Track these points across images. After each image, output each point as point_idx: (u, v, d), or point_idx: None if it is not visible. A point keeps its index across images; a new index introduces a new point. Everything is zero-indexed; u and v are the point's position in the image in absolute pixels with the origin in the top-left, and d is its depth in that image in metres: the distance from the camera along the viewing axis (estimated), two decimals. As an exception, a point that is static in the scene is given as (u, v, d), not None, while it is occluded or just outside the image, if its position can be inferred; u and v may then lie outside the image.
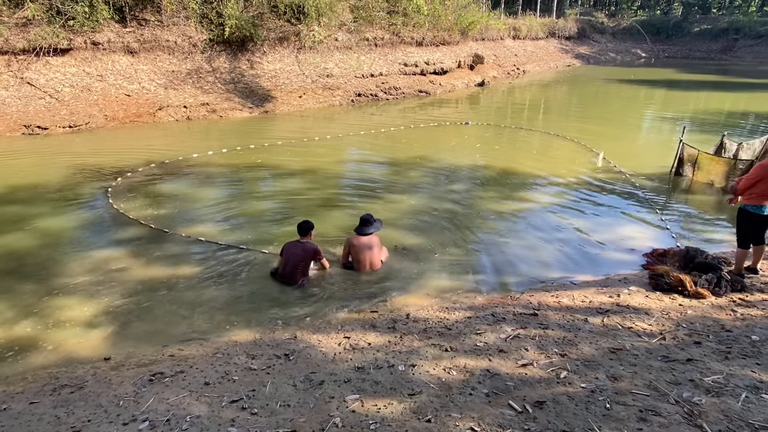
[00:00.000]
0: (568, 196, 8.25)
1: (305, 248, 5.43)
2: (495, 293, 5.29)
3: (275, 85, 15.92)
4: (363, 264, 5.63)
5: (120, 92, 13.34)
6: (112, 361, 4.12)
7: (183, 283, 5.39)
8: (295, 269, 5.36)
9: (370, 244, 5.65)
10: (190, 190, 8.22)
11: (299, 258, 5.38)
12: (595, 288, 5.31)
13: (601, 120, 15.15)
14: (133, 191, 8.00)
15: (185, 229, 6.62)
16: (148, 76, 14.18)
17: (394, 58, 19.90)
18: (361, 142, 11.98)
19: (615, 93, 21.56)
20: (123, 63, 14.09)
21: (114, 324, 4.67)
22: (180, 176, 8.86)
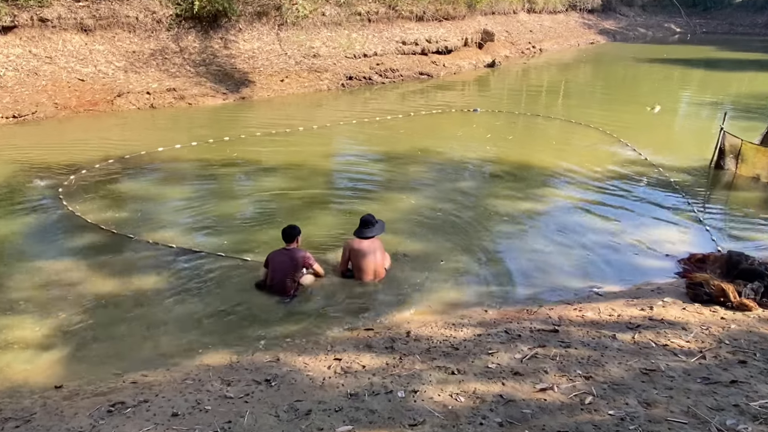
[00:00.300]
0: (592, 194, 8.28)
1: (293, 256, 5.45)
2: (509, 306, 5.30)
3: (253, 67, 15.91)
4: (365, 272, 5.61)
5: (72, 77, 13.30)
6: (64, 389, 4.10)
7: (149, 297, 5.37)
8: (284, 280, 5.38)
9: (373, 249, 5.63)
10: (154, 189, 8.19)
11: (288, 267, 5.39)
12: (624, 300, 5.32)
13: (630, 105, 15.22)
14: (89, 191, 7.98)
15: (152, 235, 6.60)
16: (105, 58, 14.14)
17: (391, 35, 19.92)
18: (353, 132, 11.98)
19: (645, 74, 21.66)
20: (76, 42, 14.05)
21: (67, 346, 4.65)
22: (143, 173, 8.84)
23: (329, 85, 16.47)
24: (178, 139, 10.56)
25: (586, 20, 34.12)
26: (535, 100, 16.18)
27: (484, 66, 21.45)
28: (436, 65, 19.73)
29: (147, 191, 8.09)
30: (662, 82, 19.93)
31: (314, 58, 17.19)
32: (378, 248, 5.68)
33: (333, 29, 18.57)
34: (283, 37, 17.23)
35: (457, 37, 21.69)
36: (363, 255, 5.58)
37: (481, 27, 23.61)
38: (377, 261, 5.64)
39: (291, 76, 16.17)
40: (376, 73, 17.79)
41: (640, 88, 19.15)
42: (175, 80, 14.33)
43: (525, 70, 21.74)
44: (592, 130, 11.91)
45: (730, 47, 30.29)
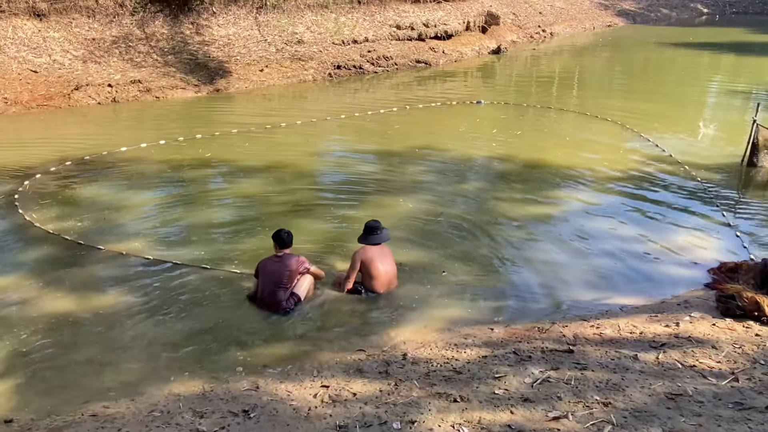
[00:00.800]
0: (610, 196, 8.32)
1: (286, 263, 5.47)
2: (518, 324, 5.31)
3: (228, 55, 15.93)
4: (381, 281, 5.68)
5: (24, 68, 13.27)
6: (15, 424, 4.08)
7: (114, 316, 5.36)
8: (276, 291, 5.39)
9: (386, 256, 5.75)
10: (118, 195, 8.19)
11: (279, 277, 5.41)
12: (646, 315, 5.34)
13: (653, 95, 15.32)
14: (45, 197, 7.97)
15: (119, 246, 6.60)
16: (62, 47, 14.12)
17: (384, 18, 19.99)
18: (342, 128, 11.99)
19: (669, 60, 21.79)
20: (27, 29, 14.02)
21: (19, 373, 4.62)
22: (105, 177, 8.83)
23: (315, 75, 16.51)
24: (143, 138, 10.55)
25: (602, 0, 34.32)
26: (545, 90, 16.25)
27: (488, 52, 21.53)
28: (434, 52, 19.79)
29: (109, 197, 8.08)
30: (688, 69, 20.06)
31: (298, 45, 17.22)
32: (389, 256, 5.79)
33: (318, 12, 18.62)
34: (263, 22, 17.26)
35: (458, 21, 21.78)
36: (377, 264, 5.66)
37: (485, 9, 23.71)
38: (390, 270, 5.74)
39: (271, 66, 16.20)
40: (368, 62, 17.84)
41: (664, 76, 19.25)
42: (141, 71, 14.33)
43: (534, 57, 21.83)
44: (609, 123, 11.98)
45: (763, 29, 30.54)
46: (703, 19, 36.75)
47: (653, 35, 27.68)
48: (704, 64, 21.32)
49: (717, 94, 16.27)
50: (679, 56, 22.38)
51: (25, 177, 8.62)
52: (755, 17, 37.08)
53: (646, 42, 25.76)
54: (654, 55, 22.79)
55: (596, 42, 26.13)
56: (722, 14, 38.09)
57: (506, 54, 21.43)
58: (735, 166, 9.53)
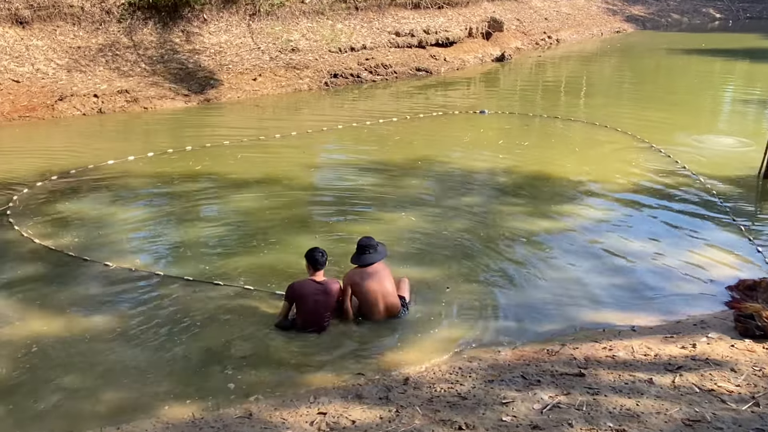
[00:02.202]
0: (622, 210, 8.32)
1: (329, 290, 5.42)
2: (526, 345, 5.29)
3: (220, 64, 16.00)
4: (375, 306, 5.46)
5: (5, 77, 13.32)
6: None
7: (100, 337, 5.35)
8: (323, 319, 5.39)
9: (378, 277, 5.50)
10: (106, 209, 8.20)
11: (325, 304, 5.39)
12: (661, 336, 5.33)
13: (664, 104, 15.38)
14: (35, 213, 8.02)
15: (122, 262, 6.65)
16: (45, 55, 14.19)
17: (383, 25, 20.13)
18: (339, 139, 12.02)
19: (681, 67, 21.93)
20: (9, 37, 14.09)
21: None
22: (90, 191, 8.83)
23: (310, 84, 16.58)
24: (131, 150, 10.56)
25: (610, 5, 34.59)
26: (552, 99, 16.32)
27: (491, 60, 21.65)
28: (435, 60, 19.90)
29: (98, 212, 8.09)
30: (701, 76, 20.17)
31: (292, 53, 17.31)
32: (385, 276, 5.55)
33: (314, 19, 18.74)
34: (256, 29, 17.36)
35: (460, 27, 21.93)
36: (368, 286, 5.46)
37: (488, 15, 23.88)
38: (386, 292, 5.49)
39: (265, 74, 16.27)
40: (366, 70, 17.93)
41: (676, 83, 19.35)
42: (128, 80, 14.38)
43: (540, 64, 21.97)
44: (619, 133, 12.01)
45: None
46: (716, 24, 37.02)
47: (664, 41, 27.86)
48: (717, 70, 21.43)
49: (731, 102, 16.36)
50: (692, 63, 22.52)
51: (10, 192, 8.63)
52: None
53: (656, 48, 25.93)
54: (665, 62, 22.93)
55: (604, 48, 26.29)
56: (736, 19, 38.37)
57: (510, 61, 21.55)
58: (752, 178, 9.55)
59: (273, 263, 6.70)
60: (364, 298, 5.52)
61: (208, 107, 14.30)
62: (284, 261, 6.67)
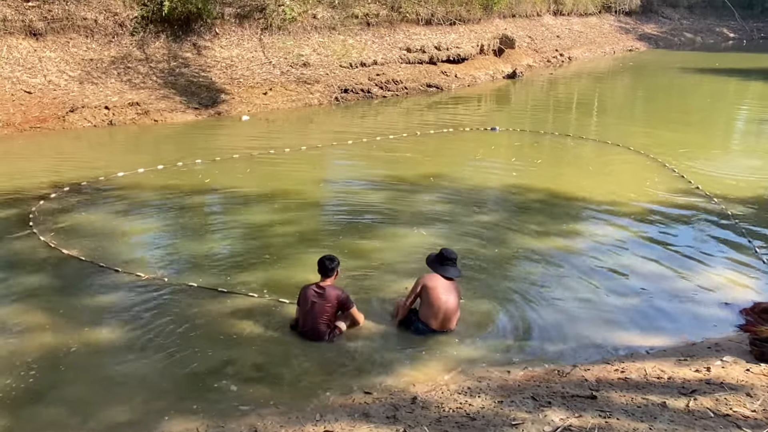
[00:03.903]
0: (636, 230, 8.29)
1: (327, 295, 5.49)
2: (536, 366, 5.26)
3: (231, 77, 16.14)
4: (436, 315, 5.59)
5: (17, 88, 13.48)
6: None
7: (118, 346, 5.40)
8: (318, 327, 5.45)
9: (452, 291, 5.67)
10: (115, 221, 8.26)
11: (320, 310, 5.46)
12: (675, 358, 5.27)
13: (678, 123, 15.36)
14: (54, 223, 8.09)
15: (145, 271, 6.71)
16: (57, 67, 14.36)
17: (394, 41, 20.26)
18: (349, 154, 12.05)
19: (695, 87, 21.93)
20: (23, 49, 14.28)
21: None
22: (103, 203, 8.90)
23: (321, 99, 16.68)
24: (141, 162, 10.63)
25: (622, 24, 34.72)
26: (564, 117, 16.34)
27: (503, 77, 21.75)
28: (446, 76, 20.00)
29: (107, 224, 8.15)
30: (715, 96, 20.15)
31: (303, 68, 17.44)
32: (455, 293, 5.70)
33: (326, 34, 18.89)
34: (267, 43, 17.52)
35: (472, 44, 22.05)
36: (440, 294, 5.59)
37: (500, 32, 24.02)
38: (452, 306, 5.64)
39: (276, 89, 16.39)
40: (376, 85, 18.03)
41: (689, 103, 19.34)
42: (139, 93, 14.52)
43: (552, 82, 22.03)
44: (632, 153, 12.00)
45: (793, 56, 30.73)
46: (730, 44, 37.10)
47: (677, 60, 27.92)
48: (732, 90, 21.43)
49: (746, 122, 16.31)
50: (705, 82, 22.53)
51: (26, 202, 8.70)
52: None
53: (669, 67, 25.98)
54: (678, 81, 22.95)
55: (617, 67, 26.37)
56: (750, 39, 38.44)
57: (522, 78, 21.63)
58: (767, 200, 9.50)
59: (281, 277, 6.71)
60: (432, 302, 5.60)
61: (218, 121, 14.40)
62: (293, 275, 6.68)
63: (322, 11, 19.06)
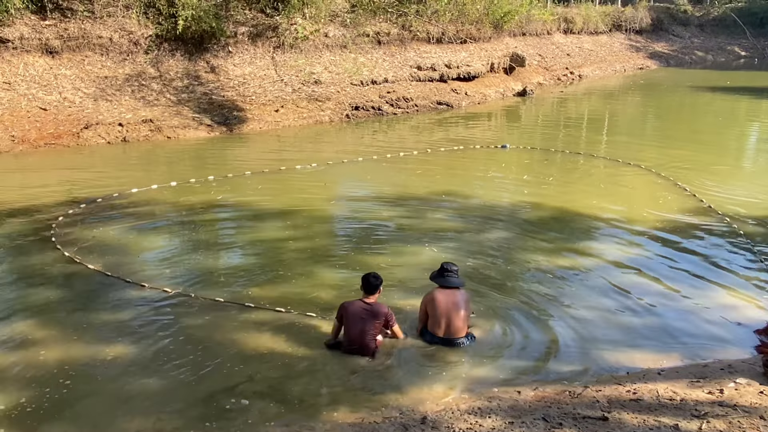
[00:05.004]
0: (648, 249, 8.26)
1: (375, 311, 5.58)
2: (547, 386, 5.23)
3: (243, 95, 16.31)
4: (440, 323, 5.72)
5: (33, 105, 13.68)
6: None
7: (121, 362, 5.44)
8: (368, 340, 5.52)
9: (455, 300, 5.75)
10: (131, 236, 8.35)
11: (370, 326, 5.53)
12: (687, 380, 5.23)
13: (689, 142, 15.34)
14: (71, 238, 8.19)
15: (163, 285, 6.78)
16: (73, 84, 14.57)
17: (404, 59, 20.42)
18: (359, 172, 12.11)
19: (706, 105, 21.90)
20: (39, 66, 14.50)
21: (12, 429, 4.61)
22: (117, 218, 8.99)
23: (332, 117, 16.80)
24: (154, 179, 10.74)
25: (633, 42, 34.80)
26: (575, 134, 16.36)
27: (513, 95, 21.83)
28: (456, 94, 20.11)
29: (124, 239, 8.24)
30: (726, 115, 20.11)
31: (315, 86, 17.60)
32: (460, 302, 5.77)
33: (337, 52, 19.07)
34: (279, 62, 17.70)
35: (482, 62, 22.18)
36: (440, 304, 5.71)
37: (510, 50, 24.16)
38: (454, 314, 5.71)
39: (287, 106, 16.53)
40: (387, 103, 18.15)
41: (700, 121, 19.32)
42: (153, 110, 14.69)
43: (562, 100, 22.07)
44: (643, 171, 11.98)
45: (805, 74, 30.66)
46: (741, 62, 37.06)
47: (688, 79, 27.91)
48: (743, 109, 21.37)
49: (758, 141, 16.25)
50: (716, 101, 22.49)
51: (43, 217, 8.80)
52: (797, 61, 37.28)
53: (680, 85, 25.98)
54: (689, 99, 22.93)
55: (627, 85, 26.39)
56: (761, 57, 38.40)
57: (532, 96, 21.70)
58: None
59: (296, 292, 6.74)
60: (436, 312, 5.72)
61: (230, 138, 14.53)
62: (308, 291, 6.74)
63: (334, 30, 19.26)
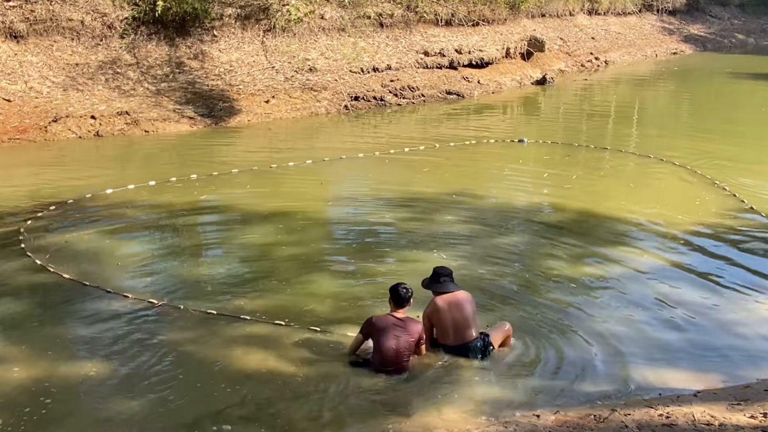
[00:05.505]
0: (683, 255, 8.26)
1: (410, 329, 5.59)
2: (569, 409, 5.21)
3: (230, 84, 16.30)
4: (448, 331, 5.76)
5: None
6: None
7: (102, 380, 5.44)
8: (404, 360, 5.55)
9: (458, 302, 5.80)
10: (106, 242, 8.34)
11: (405, 344, 5.55)
12: (726, 402, 5.22)
13: (728, 135, 15.31)
14: (39, 244, 8.16)
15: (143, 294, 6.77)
16: (40, 72, 14.57)
17: (410, 43, 20.41)
18: (360, 169, 12.11)
19: (748, 94, 21.87)
20: (2, 53, 14.50)
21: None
22: (90, 222, 8.98)
23: (329, 108, 16.79)
24: (131, 178, 10.73)
25: (665, 24, 34.75)
26: (600, 127, 16.36)
27: (531, 83, 21.82)
28: (468, 82, 20.09)
29: (99, 245, 8.23)
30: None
31: (310, 73, 17.58)
32: (463, 302, 5.83)
33: (334, 36, 19.05)
34: (270, 47, 17.70)
35: (497, 46, 22.16)
36: (444, 312, 5.75)
37: (528, 33, 24.12)
38: (459, 318, 5.76)
39: (279, 96, 16.52)
40: (390, 93, 18.13)
41: (741, 112, 19.28)
42: (129, 101, 14.70)
43: (586, 89, 22.07)
44: (677, 168, 11.97)
45: None
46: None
47: (727, 64, 27.88)
48: (789, 98, 21.34)
49: (805, 135, 16.24)
50: (759, 90, 22.46)
51: (9, 223, 8.76)
52: None
53: (718, 72, 25.94)
54: (728, 88, 22.90)
55: (659, 72, 26.38)
56: (810, 41, 38.30)
57: (553, 85, 21.69)
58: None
59: (287, 304, 6.74)
60: (442, 322, 5.78)
61: (215, 131, 14.53)
62: (300, 303, 6.73)
63: (331, 11, 19.24)
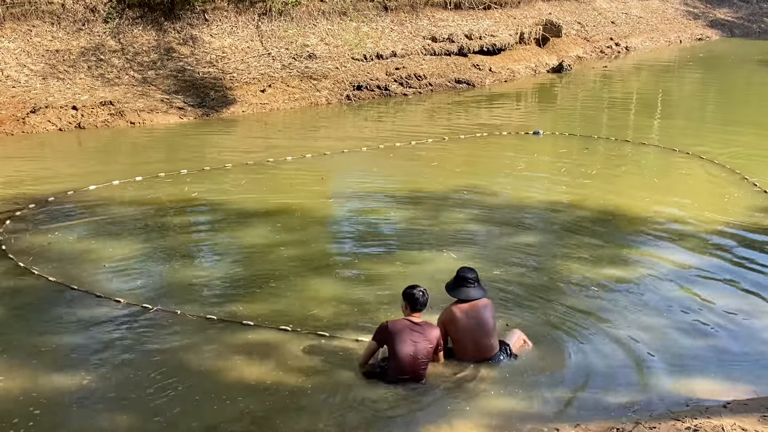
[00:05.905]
0: (710, 256, 8.25)
1: (428, 335, 5.61)
2: (590, 422, 5.21)
3: (223, 72, 16.30)
4: (467, 346, 5.78)
5: (-29, 85, 13.70)
6: None
7: (94, 398, 5.42)
8: (423, 368, 5.58)
9: (480, 318, 5.78)
10: (91, 243, 8.34)
11: (424, 351, 5.57)
12: (758, 414, 5.23)
13: (758, 128, 15.25)
14: (20, 246, 8.19)
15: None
16: (17, 60, 14.58)
17: (416, 28, 20.39)
18: (363, 163, 12.10)
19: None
20: (-22, 38, 14.53)
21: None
22: (70, 221, 8.99)
23: (329, 98, 16.78)
24: (116, 173, 10.74)
25: (690, 8, 34.66)
26: (620, 118, 16.32)
27: (547, 70, 21.78)
28: (479, 70, 20.07)
29: (83, 246, 8.25)
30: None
31: (308, 61, 17.57)
32: (485, 312, 5.81)
33: (335, 21, 19.03)
34: (266, 31, 17.68)
35: (510, 31, 22.14)
36: (464, 325, 5.75)
37: (543, 17, 24.10)
38: (480, 332, 5.76)
39: (276, 85, 16.51)
40: (395, 81, 18.12)
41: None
42: (114, 90, 14.71)
43: (605, 77, 22.03)
44: (705, 162, 11.96)
45: None
46: (823, 31, 36.82)
47: (756, 51, 27.78)
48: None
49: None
50: (792, 78, 22.41)
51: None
52: None
53: (747, 60, 25.86)
54: (758, 77, 22.85)
55: (684, 59, 26.31)
56: None
57: (570, 72, 21.65)
58: None
59: (288, 308, 6.78)
60: (462, 335, 5.78)
61: (207, 123, 14.52)
62: (300, 307, 6.76)
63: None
